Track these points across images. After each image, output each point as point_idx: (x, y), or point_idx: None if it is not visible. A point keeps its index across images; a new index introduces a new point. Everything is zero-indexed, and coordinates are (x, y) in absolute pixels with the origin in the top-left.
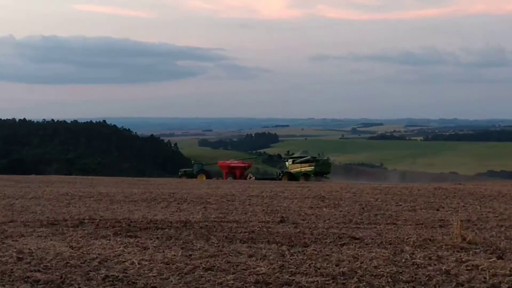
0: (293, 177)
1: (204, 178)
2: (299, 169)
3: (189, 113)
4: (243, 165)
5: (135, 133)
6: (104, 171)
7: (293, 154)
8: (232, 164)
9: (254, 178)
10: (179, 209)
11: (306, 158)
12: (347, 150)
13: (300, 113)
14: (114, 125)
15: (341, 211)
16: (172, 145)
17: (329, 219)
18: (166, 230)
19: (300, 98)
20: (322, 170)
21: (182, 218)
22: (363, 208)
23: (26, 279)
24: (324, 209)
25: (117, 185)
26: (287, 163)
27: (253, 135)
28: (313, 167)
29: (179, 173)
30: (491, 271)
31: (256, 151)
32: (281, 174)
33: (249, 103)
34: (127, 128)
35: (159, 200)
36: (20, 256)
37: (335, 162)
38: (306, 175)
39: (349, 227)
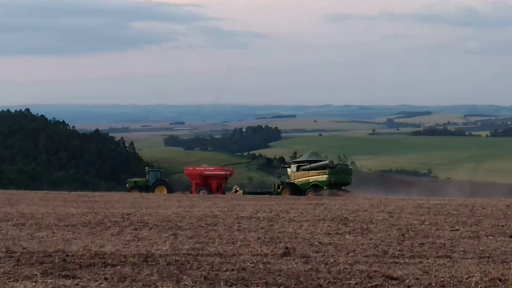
0: (297, 190)
1: (165, 191)
2: (307, 178)
3: (151, 98)
4: (221, 173)
5: (73, 127)
6: (28, 182)
7: (301, 156)
8: (206, 172)
9: (241, 192)
10: (137, 237)
11: (321, 163)
12: (381, 151)
13: (313, 99)
14: (42, 116)
15: (371, 239)
16: (127, 145)
17: (354, 250)
18: (119, 267)
19: (312, 77)
20: (339, 180)
21: (142, 250)
22: (403, 234)
23: None
24: (348, 236)
25: (47, 202)
26: (289, 170)
27: (244, 130)
28: (326, 176)
29: (127, 185)
30: None
31: (248, 153)
32: (281, 186)
33: (238, 84)
34: (61, 121)
35: (107, 224)
36: None
37: (362, 168)
38: (316, 188)
39: (383, 262)
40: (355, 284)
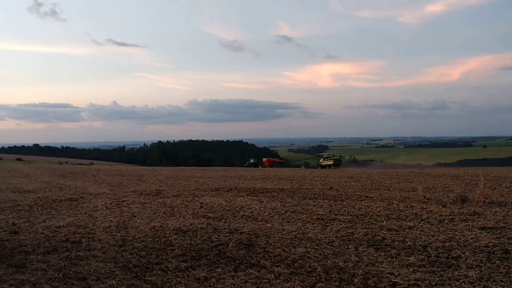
0: None
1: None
2: None
3: None
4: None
5: None
6: None
7: None
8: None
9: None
10: (278, 183)
11: None
12: None
13: None
14: None
15: None
16: None
17: None
18: (271, 193)
19: None
20: None
21: (279, 187)
22: None
23: (204, 216)
24: None
25: None
26: None
27: None
28: None
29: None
30: None
31: None
32: None
33: None
34: None
35: (269, 179)
36: (202, 205)
37: None
38: None
39: None
40: None
